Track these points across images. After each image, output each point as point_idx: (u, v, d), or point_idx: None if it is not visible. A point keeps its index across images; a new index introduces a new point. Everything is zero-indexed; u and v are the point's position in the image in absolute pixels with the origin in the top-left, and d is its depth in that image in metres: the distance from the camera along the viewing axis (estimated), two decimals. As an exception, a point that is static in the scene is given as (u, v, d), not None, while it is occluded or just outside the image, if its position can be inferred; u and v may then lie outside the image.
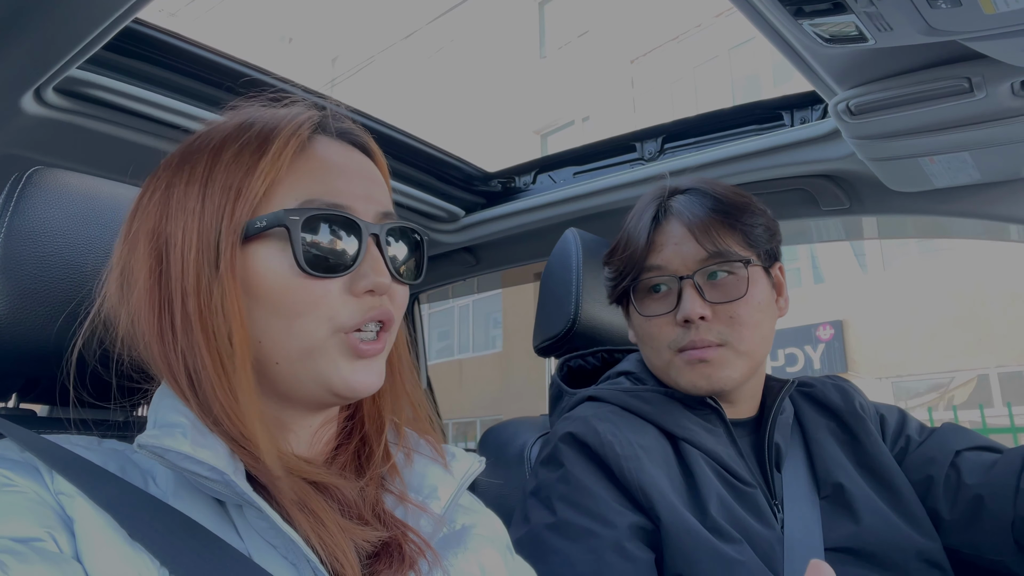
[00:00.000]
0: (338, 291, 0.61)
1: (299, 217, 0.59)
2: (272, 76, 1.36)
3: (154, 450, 0.53)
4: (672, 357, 1.03)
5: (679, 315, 1.00)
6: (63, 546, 0.50)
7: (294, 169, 0.62)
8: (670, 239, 1.04)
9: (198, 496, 0.57)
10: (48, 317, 0.73)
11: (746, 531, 0.93)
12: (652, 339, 1.05)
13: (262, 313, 0.60)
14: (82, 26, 0.96)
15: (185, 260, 0.59)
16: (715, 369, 1.01)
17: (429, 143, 1.69)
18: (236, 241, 0.59)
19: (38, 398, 0.84)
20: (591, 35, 13.18)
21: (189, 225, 0.60)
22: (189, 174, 0.62)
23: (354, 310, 0.62)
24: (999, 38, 0.88)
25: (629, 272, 1.06)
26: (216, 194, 0.60)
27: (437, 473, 0.70)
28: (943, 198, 1.38)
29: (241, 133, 0.63)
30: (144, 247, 0.61)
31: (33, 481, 0.54)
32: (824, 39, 0.94)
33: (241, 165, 0.61)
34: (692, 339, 1.00)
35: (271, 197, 0.61)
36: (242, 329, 0.58)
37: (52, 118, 1.19)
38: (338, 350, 0.61)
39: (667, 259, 1.03)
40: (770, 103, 1.46)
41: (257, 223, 0.60)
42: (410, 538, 0.63)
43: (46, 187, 0.75)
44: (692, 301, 1.00)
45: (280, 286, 0.60)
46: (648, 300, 1.06)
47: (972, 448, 1.06)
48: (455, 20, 15.45)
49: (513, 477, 1.19)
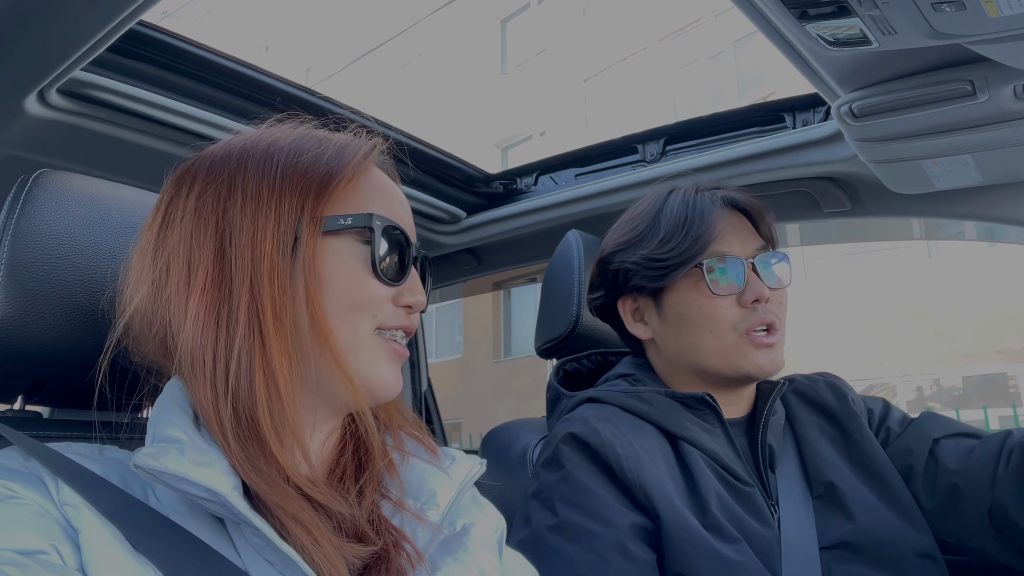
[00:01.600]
0: (388, 298, 0.66)
1: (382, 224, 0.66)
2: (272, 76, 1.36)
3: (150, 471, 0.53)
4: (738, 338, 1.04)
5: (748, 296, 1.03)
6: (67, 559, 0.50)
7: (364, 185, 0.68)
8: (729, 224, 1.07)
9: (196, 511, 0.57)
10: (54, 319, 0.73)
11: (745, 530, 0.94)
12: (716, 320, 1.04)
13: (324, 303, 0.62)
14: (86, 28, 0.96)
15: (257, 246, 0.61)
16: (777, 352, 1.05)
17: (431, 144, 1.69)
18: (317, 232, 0.63)
19: (44, 400, 0.84)
20: (548, 54, 13.75)
21: (264, 214, 0.62)
22: (257, 170, 0.65)
23: (393, 315, 0.67)
24: (1002, 41, 0.88)
25: (693, 251, 1.05)
26: (295, 190, 0.63)
27: (437, 477, 0.70)
28: (944, 200, 1.38)
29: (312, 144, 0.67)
30: (201, 233, 0.63)
31: (38, 493, 0.54)
32: (828, 42, 0.94)
33: (321, 168, 0.65)
34: (762, 318, 1.03)
35: (347, 204, 0.66)
36: (323, 319, 0.62)
37: (56, 120, 1.19)
38: (377, 349, 0.66)
39: (730, 243, 1.06)
40: (772, 105, 1.46)
41: (341, 220, 0.64)
42: (403, 547, 0.63)
43: (52, 189, 0.75)
44: (759, 283, 1.04)
45: (349, 281, 0.64)
46: (712, 281, 1.05)
47: (950, 435, 1.07)
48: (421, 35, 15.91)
49: (516, 479, 1.19)
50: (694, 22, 11.57)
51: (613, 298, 1.15)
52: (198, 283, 0.61)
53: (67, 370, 0.72)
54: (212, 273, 0.61)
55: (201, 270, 0.61)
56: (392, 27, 16.26)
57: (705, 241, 1.05)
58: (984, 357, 10.11)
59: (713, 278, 1.05)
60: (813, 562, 0.95)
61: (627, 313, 1.14)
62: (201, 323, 0.60)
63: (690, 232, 1.06)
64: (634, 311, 1.14)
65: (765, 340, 1.03)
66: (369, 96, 15.60)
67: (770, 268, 1.07)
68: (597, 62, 12.91)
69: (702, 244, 1.05)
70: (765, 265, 1.07)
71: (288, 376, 0.60)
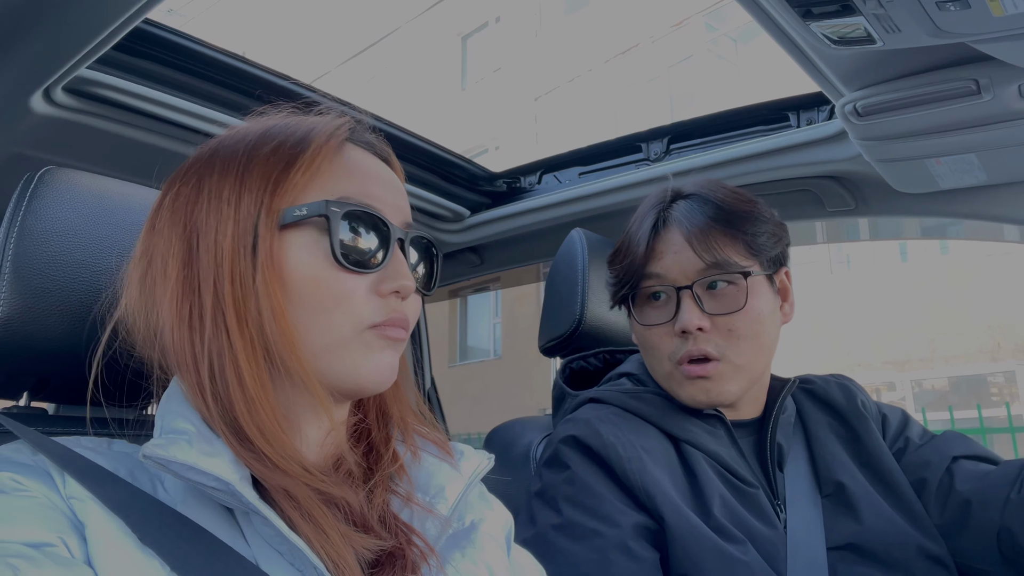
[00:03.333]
0: (365, 289, 0.62)
1: (339, 209, 0.61)
2: (278, 75, 1.36)
3: (159, 460, 0.53)
4: (672, 369, 1.02)
5: (677, 326, 0.99)
6: (75, 551, 0.50)
7: (331, 168, 0.64)
8: (670, 247, 1.02)
9: (206, 502, 0.57)
10: (60, 316, 0.73)
11: (749, 531, 0.93)
12: (652, 349, 1.04)
13: (291, 303, 0.60)
14: (91, 26, 0.96)
15: (219, 246, 0.60)
16: (714, 384, 1.00)
17: (434, 143, 1.69)
18: (274, 228, 0.60)
19: (49, 396, 0.84)
20: (503, 72, 14.31)
21: (224, 213, 0.61)
22: (222, 168, 0.63)
23: (378, 308, 0.62)
24: (1007, 40, 0.88)
25: (629, 279, 1.04)
26: (254, 184, 0.61)
27: (445, 472, 0.70)
28: (949, 199, 1.37)
29: (278, 132, 0.64)
30: (173, 236, 0.62)
31: (44, 485, 0.54)
32: (832, 40, 0.94)
33: (280, 158, 0.62)
34: (690, 350, 0.99)
35: (308, 192, 0.62)
36: (283, 316, 0.59)
37: (61, 118, 1.19)
38: (364, 344, 0.62)
39: (666, 268, 1.01)
40: (777, 104, 1.46)
41: (296, 211, 0.61)
42: (414, 543, 0.63)
43: (57, 187, 0.76)
44: (690, 312, 0.98)
45: (311, 277, 0.60)
46: (647, 308, 1.05)
47: (970, 457, 1.06)
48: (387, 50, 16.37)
49: (519, 477, 1.19)
50: (634, 46, 12.20)
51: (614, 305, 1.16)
52: (169, 286, 0.61)
53: (72, 367, 0.72)
54: (181, 276, 0.60)
55: (172, 273, 0.61)
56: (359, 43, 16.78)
57: (641, 264, 1.03)
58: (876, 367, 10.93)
59: (645, 306, 1.04)
60: (820, 562, 0.95)
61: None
62: (177, 325, 0.60)
63: (628, 255, 1.05)
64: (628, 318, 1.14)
65: (695, 371, 0.99)
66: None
67: (714, 291, 1.00)
68: (547, 82, 13.56)
69: (638, 268, 1.03)
70: (711, 287, 1.00)
71: (256, 377, 0.58)
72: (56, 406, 0.87)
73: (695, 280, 0.99)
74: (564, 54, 13.20)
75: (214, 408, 0.58)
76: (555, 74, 13.33)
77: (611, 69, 12.55)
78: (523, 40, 13.99)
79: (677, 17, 11.74)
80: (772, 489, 1.02)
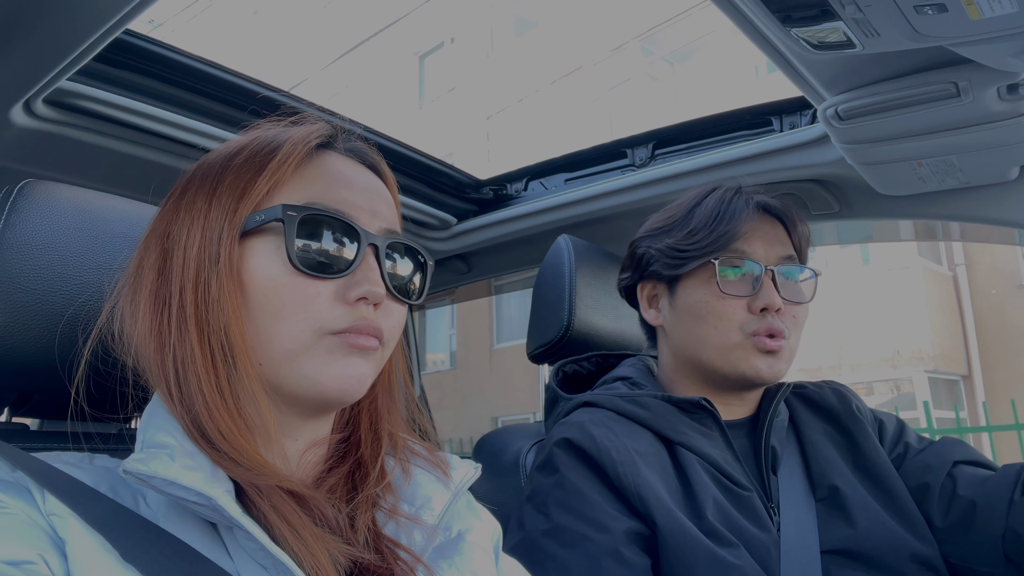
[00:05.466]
0: (328, 295, 0.61)
1: (296, 214, 0.60)
2: (257, 83, 1.36)
3: (139, 476, 0.53)
4: (743, 339, 1.03)
5: (759, 302, 1.03)
6: (55, 569, 0.50)
7: (300, 175, 0.64)
8: (759, 229, 1.07)
9: (188, 517, 0.57)
10: (40, 330, 0.72)
11: (742, 535, 0.93)
12: (721, 318, 1.05)
13: (251, 310, 0.60)
14: (72, 37, 0.95)
15: (187, 256, 0.60)
16: (778, 361, 1.04)
17: (420, 151, 1.69)
18: (235, 236, 0.60)
19: (31, 412, 0.83)
20: (457, 91, 14.77)
21: (195, 223, 0.61)
22: (200, 180, 0.64)
23: (342, 315, 0.61)
24: (985, 43, 0.89)
25: (714, 247, 1.05)
26: (223, 195, 0.62)
27: (431, 483, 0.70)
28: (931, 202, 1.38)
29: (252, 143, 0.65)
30: (153, 248, 0.63)
31: (24, 502, 0.54)
32: (812, 45, 0.95)
33: (249, 167, 0.63)
34: (771, 324, 1.02)
35: (274, 198, 0.62)
36: (239, 323, 0.59)
37: (42, 130, 1.18)
38: (327, 350, 0.61)
39: (754, 247, 1.05)
40: (760, 108, 1.47)
41: (256, 217, 0.61)
42: (400, 558, 0.62)
43: (37, 199, 0.75)
44: (773, 291, 1.03)
45: (270, 283, 0.60)
46: (724, 279, 1.05)
47: (970, 462, 1.07)
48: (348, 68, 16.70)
49: (508, 484, 1.18)
50: (576, 69, 12.77)
51: (635, 281, 1.17)
52: (143, 298, 0.62)
53: (53, 381, 0.71)
54: (154, 286, 0.62)
55: (147, 283, 0.62)
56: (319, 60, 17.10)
57: (729, 238, 1.05)
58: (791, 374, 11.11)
59: (725, 276, 1.05)
60: (813, 565, 0.95)
61: (644, 297, 1.17)
62: (148, 335, 0.61)
63: (717, 228, 1.06)
64: (651, 297, 1.16)
65: (769, 344, 1.02)
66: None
67: (791, 280, 1.07)
68: (498, 101, 14.07)
69: (725, 241, 1.05)
70: (787, 275, 1.06)
71: (215, 387, 0.58)
72: (38, 421, 0.86)
73: (776, 265, 1.05)
74: (514, 75, 13.83)
75: (184, 415, 0.58)
76: (505, 94, 13.95)
77: (557, 90, 13.19)
78: (476, 60, 14.53)
79: (616, 41, 12.31)
80: (766, 492, 1.02)
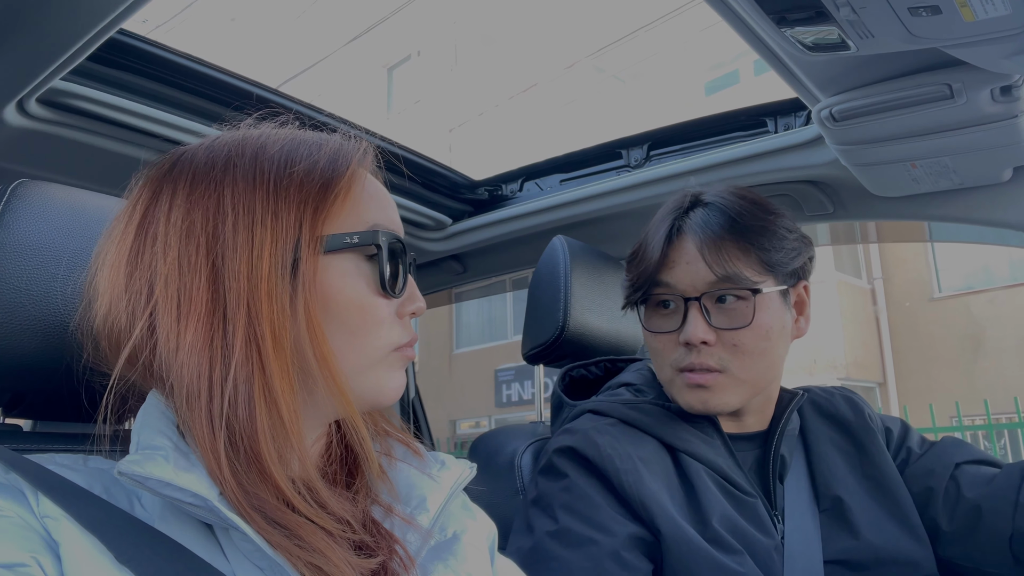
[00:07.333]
0: (390, 313, 0.65)
1: (387, 239, 0.63)
2: (252, 82, 1.36)
3: (134, 477, 0.52)
4: (674, 375, 1.03)
5: (681, 337, 0.99)
6: (49, 571, 0.49)
7: (361, 194, 0.65)
8: (682, 257, 1.01)
9: (184, 518, 0.56)
10: (34, 331, 0.72)
11: (747, 541, 0.93)
12: (657, 354, 1.06)
13: (329, 328, 0.60)
14: (65, 37, 0.95)
15: (254, 270, 0.57)
16: (712, 394, 1.00)
17: (415, 151, 1.69)
18: (319, 251, 0.60)
19: (24, 413, 0.83)
20: (423, 104, 15.14)
21: (259, 234, 0.58)
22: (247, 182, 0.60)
23: (402, 332, 0.66)
24: (979, 45, 0.90)
25: (642, 285, 1.04)
26: (291, 205, 0.60)
27: (426, 483, 0.70)
28: (925, 203, 1.39)
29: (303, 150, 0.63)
30: (192, 250, 0.58)
31: (17, 504, 0.53)
32: (807, 47, 0.95)
33: (314, 179, 0.61)
34: (692, 362, 0.99)
35: (345, 217, 0.63)
36: (324, 341, 0.59)
37: (35, 129, 1.18)
38: (389, 364, 0.65)
39: (678, 277, 1.01)
40: (754, 110, 1.47)
41: (347, 238, 0.61)
42: (396, 551, 0.63)
43: (31, 200, 0.74)
44: (696, 325, 0.98)
45: (357, 302, 0.62)
46: (656, 316, 1.05)
47: (972, 462, 1.06)
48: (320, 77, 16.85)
49: (504, 485, 1.18)
50: (533, 86, 13.19)
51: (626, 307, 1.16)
52: (193, 311, 0.57)
53: (47, 382, 0.71)
54: (207, 299, 0.57)
55: (197, 297, 0.57)
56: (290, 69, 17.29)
57: (653, 270, 1.02)
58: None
59: (653, 313, 1.05)
60: (816, 574, 0.95)
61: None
62: (196, 353, 0.56)
63: (643, 260, 1.04)
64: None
65: (694, 379, 0.99)
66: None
67: (723, 305, 0.99)
68: (460, 114, 14.36)
69: (651, 275, 1.02)
70: (717, 301, 0.99)
71: (291, 400, 0.57)
72: (31, 423, 0.86)
73: (704, 292, 0.99)
74: (475, 89, 14.15)
75: (222, 440, 0.55)
76: (467, 107, 14.25)
77: (515, 105, 13.58)
78: (440, 74, 14.89)
79: (569, 60, 12.69)
80: (770, 500, 1.02)
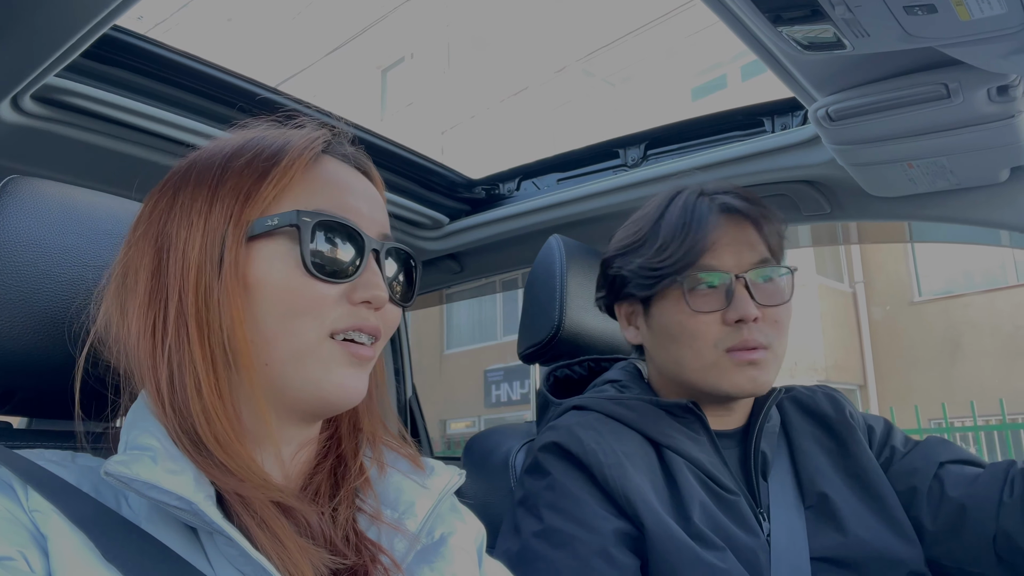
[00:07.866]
0: (335, 297, 0.62)
1: (311, 219, 0.62)
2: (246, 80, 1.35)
3: (121, 478, 0.53)
4: (719, 357, 1.00)
5: (731, 314, 0.99)
6: (35, 566, 0.50)
7: (304, 181, 0.64)
8: (724, 235, 1.02)
9: (169, 520, 0.56)
10: (24, 328, 0.71)
11: (729, 539, 0.93)
12: (695, 337, 1.01)
13: (257, 312, 0.60)
14: (60, 33, 0.95)
15: (186, 257, 0.60)
16: (760, 371, 1.00)
17: (412, 150, 1.69)
18: (242, 239, 0.61)
19: (14, 410, 0.82)
20: (415, 106, 15.36)
21: (195, 224, 0.61)
22: (196, 180, 0.64)
23: (345, 315, 0.63)
24: (975, 44, 0.89)
25: (680, 266, 1.01)
26: (226, 197, 0.62)
27: (414, 488, 0.70)
28: (922, 203, 1.39)
29: (253, 145, 0.65)
30: (146, 247, 0.63)
31: (6, 498, 0.53)
32: (803, 46, 0.95)
33: (253, 171, 0.63)
34: (744, 338, 0.98)
35: (280, 204, 0.63)
36: (242, 327, 0.59)
37: (29, 126, 1.17)
38: (331, 355, 0.62)
39: (723, 256, 1.01)
40: (751, 109, 1.47)
41: (268, 221, 0.61)
42: (379, 561, 0.62)
43: (22, 196, 0.74)
44: (747, 301, 0.99)
45: (282, 285, 0.61)
46: (697, 297, 1.01)
47: (956, 461, 1.06)
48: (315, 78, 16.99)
49: (498, 485, 1.18)
50: (523, 89, 13.42)
51: (611, 301, 1.15)
52: (137, 297, 0.61)
53: (37, 379, 0.71)
54: (149, 286, 0.61)
55: (140, 284, 0.61)
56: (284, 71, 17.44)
57: (698, 252, 1.01)
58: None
59: (695, 294, 1.01)
60: (803, 572, 0.94)
61: (622, 316, 1.14)
62: (141, 336, 0.60)
63: (685, 242, 1.02)
64: (629, 315, 1.13)
65: (747, 356, 0.99)
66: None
67: (766, 284, 1.02)
68: (452, 117, 14.67)
69: (694, 255, 1.01)
70: (762, 279, 1.01)
71: (215, 389, 0.58)
72: (23, 420, 0.85)
73: (748, 270, 1.01)
74: (467, 92, 14.41)
75: (173, 418, 0.57)
76: (459, 110, 14.51)
77: (506, 108, 13.85)
78: (433, 77, 15.03)
79: (559, 64, 12.87)
80: (755, 498, 1.02)
